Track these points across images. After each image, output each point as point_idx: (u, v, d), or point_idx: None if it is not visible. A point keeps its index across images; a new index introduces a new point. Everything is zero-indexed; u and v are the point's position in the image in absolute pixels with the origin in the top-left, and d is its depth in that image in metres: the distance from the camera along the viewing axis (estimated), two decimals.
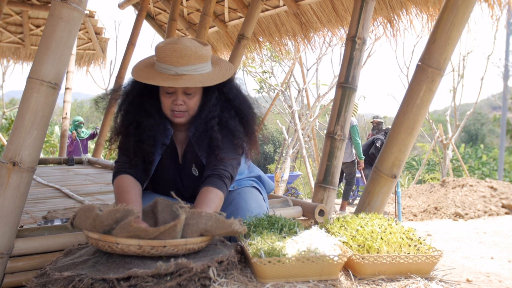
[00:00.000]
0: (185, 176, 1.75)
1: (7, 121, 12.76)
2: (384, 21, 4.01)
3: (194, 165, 1.71)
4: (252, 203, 1.70)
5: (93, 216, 1.31)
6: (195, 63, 1.57)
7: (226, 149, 1.65)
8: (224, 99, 1.68)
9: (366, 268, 1.35)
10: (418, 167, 13.12)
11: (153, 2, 6.23)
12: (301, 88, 9.95)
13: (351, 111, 2.76)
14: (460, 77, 9.95)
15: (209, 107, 1.64)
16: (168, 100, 1.62)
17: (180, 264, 1.21)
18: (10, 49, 7.49)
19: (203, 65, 1.60)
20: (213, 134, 1.62)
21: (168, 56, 1.56)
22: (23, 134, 1.54)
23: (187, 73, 1.56)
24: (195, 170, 1.72)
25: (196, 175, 1.72)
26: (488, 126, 27.71)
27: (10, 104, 18.12)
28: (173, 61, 1.55)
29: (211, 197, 1.53)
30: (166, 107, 1.63)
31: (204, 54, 1.60)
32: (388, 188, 2.42)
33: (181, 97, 1.61)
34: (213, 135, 1.62)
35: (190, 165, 1.72)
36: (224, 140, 1.65)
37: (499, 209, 6.15)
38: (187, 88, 1.60)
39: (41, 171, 4.55)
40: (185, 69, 1.56)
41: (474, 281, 3.47)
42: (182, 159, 1.73)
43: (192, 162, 1.72)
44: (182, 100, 1.61)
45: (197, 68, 1.58)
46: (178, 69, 1.56)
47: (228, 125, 1.66)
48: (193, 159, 1.71)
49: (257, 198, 1.75)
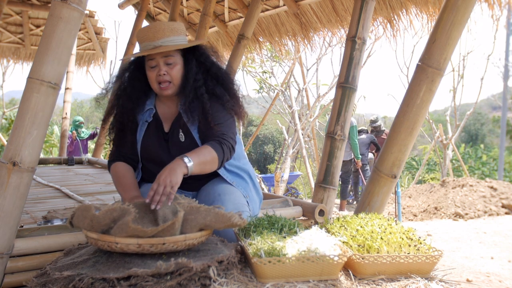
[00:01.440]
0: (172, 146, 1.81)
1: (7, 121, 12.75)
2: (384, 21, 4.01)
3: (181, 130, 1.80)
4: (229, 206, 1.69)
5: (90, 216, 1.31)
6: (169, 35, 1.74)
7: (220, 116, 1.78)
8: (204, 68, 1.83)
9: (366, 268, 1.35)
10: (418, 167, 13.12)
11: (153, 2, 6.22)
12: (301, 88, 9.95)
13: (351, 111, 2.76)
14: (460, 77, 9.94)
15: (193, 74, 1.78)
16: (153, 74, 1.75)
17: (180, 263, 1.21)
18: (10, 49, 7.49)
19: (178, 38, 1.76)
20: (204, 101, 1.76)
21: (146, 34, 1.74)
22: (23, 134, 1.54)
23: (164, 44, 1.72)
24: (181, 136, 1.80)
25: (182, 140, 1.80)
26: (488, 126, 27.71)
27: (10, 104, 18.12)
28: (150, 36, 1.73)
29: (203, 151, 1.65)
30: (152, 81, 1.77)
31: (177, 28, 1.77)
32: (388, 188, 2.42)
33: (163, 68, 1.74)
34: (204, 103, 1.76)
35: (177, 132, 1.81)
36: (214, 106, 1.78)
37: (499, 209, 6.14)
38: (166, 58, 1.74)
39: (41, 171, 4.55)
40: (162, 41, 1.72)
41: (474, 281, 3.47)
42: (170, 129, 1.83)
43: (179, 129, 1.81)
44: (164, 70, 1.74)
45: (172, 40, 1.74)
46: (155, 42, 1.72)
47: (215, 92, 1.81)
48: (180, 127, 1.81)
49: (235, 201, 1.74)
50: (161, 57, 1.74)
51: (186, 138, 1.80)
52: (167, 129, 1.84)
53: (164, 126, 1.85)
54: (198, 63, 1.81)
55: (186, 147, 1.76)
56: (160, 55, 1.73)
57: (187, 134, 1.80)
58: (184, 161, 1.57)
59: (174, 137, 1.81)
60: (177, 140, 1.80)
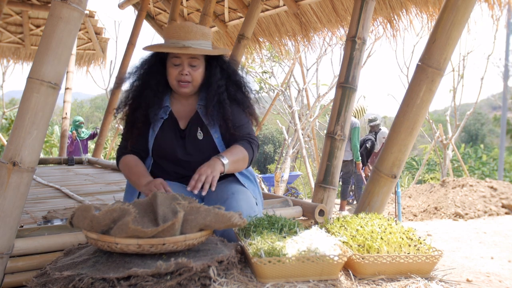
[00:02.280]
0: (189, 143, 1.85)
1: (7, 121, 12.75)
2: (384, 21, 4.01)
3: (199, 128, 1.85)
4: (243, 205, 1.73)
5: (90, 216, 1.31)
6: (199, 38, 1.78)
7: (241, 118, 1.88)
8: (226, 75, 1.88)
9: (366, 268, 1.35)
10: (418, 167, 13.11)
11: (153, 2, 6.22)
12: (301, 88, 9.95)
13: (351, 111, 2.76)
14: (460, 77, 9.94)
15: (216, 80, 1.83)
16: (175, 71, 1.79)
17: (180, 263, 1.21)
18: (10, 49, 7.49)
19: (206, 42, 1.81)
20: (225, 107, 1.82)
21: (176, 31, 1.76)
22: (23, 134, 1.54)
23: (193, 46, 1.76)
24: (200, 134, 1.85)
25: (200, 138, 1.85)
26: (488, 126, 27.71)
27: (10, 104, 18.11)
28: (180, 35, 1.75)
29: (236, 150, 1.77)
30: (172, 78, 1.80)
31: (207, 33, 1.82)
32: (388, 188, 2.42)
33: (187, 68, 1.78)
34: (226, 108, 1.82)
35: (195, 130, 1.85)
36: (235, 110, 1.86)
37: (499, 209, 6.14)
38: (192, 60, 1.79)
39: (41, 171, 4.55)
40: (191, 42, 1.76)
41: (474, 281, 3.47)
42: (187, 127, 1.87)
43: (198, 127, 1.86)
44: (187, 70, 1.78)
45: (201, 43, 1.78)
46: (185, 42, 1.75)
47: (236, 97, 1.88)
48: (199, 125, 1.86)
49: (248, 199, 1.79)
50: (187, 58, 1.78)
51: (205, 136, 1.85)
52: (183, 126, 1.88)
53: (179, 123, 1.88)
54: (221, 69, 1.87)
55: (203, 145, 1.85)
56: (187, 56, 1.77)
57: (206, 133, 1.86)
58: (221, 160, 1.70)
59: (191, 134, 1.85)
60: (194, 137, 1.85)
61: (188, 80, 1.79)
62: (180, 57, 1.78)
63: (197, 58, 1.80)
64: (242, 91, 1.93)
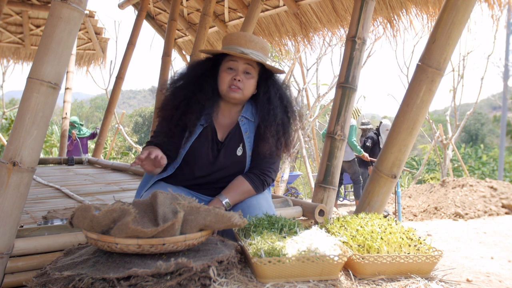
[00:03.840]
0: (225, 155, 1.83)
1: (7, 121, 12.76)
2: (384, 21, 4.01)
3: (241, 145, 1.83)
4: (263, 202, 1.76)
5: (90, 216, 1.31)
6: (259, 50, 1.79)
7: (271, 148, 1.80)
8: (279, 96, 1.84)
9: (366, 268, 1.35)
10: (418, 167, 13.11)
11: (153, 2, 6.22)
12: (301, 88, 9.95)
13: (351, 111, 2.76)
14: (460, 77, 9.94)
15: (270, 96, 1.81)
16: (229, 76, 1.78)
17: (180, 263, 1.21)
18: (10, 49, 7.49)
19: (264, 56, 1.81)
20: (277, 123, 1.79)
21: (238, 39, 1.78)
22: (23, 134, 1.54)
23: (252, 55, 1.77)
24: (240, 150, 1.83)
25: (239, 154, 1.83)
26: (488, 126, 27.72)
27: (10, 104, 18.13)
28: (241, 42, 1.77)
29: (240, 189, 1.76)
30: (225, 82, 1.78)
31: (266, 48, 1.83)
32: (388, 188, 2.42)
33: (241, 74, 1.78)
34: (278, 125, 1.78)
35: (235, 145, 1.83)
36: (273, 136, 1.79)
37: (499, 209, 6.15)
38: (247, 67, 1.78)
39: (41, 171, 4.55)
40: (251, 51, 1.77)
41: (474, 281, 3.47)
42: (225, 139, 1.84)
43: (238, 143, 1.84)
44: (241, 77, 1.77)
45: (259, 55, 1.79)
46: (245, 49, 1.76)
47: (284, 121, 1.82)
48: (239, 140, 1.84)
49: (267, 199, 1.82)
50: (243, 64, 1.77)
51: (242, 152, 1.83)
52: (221, 137, 1.85)
53: (218, 134, 1.85)
54: (275, 89, 1.84)
55: (239, 160, 1.82)
56: (243, 61, 1.77)
57: (244, 149, 1.84)
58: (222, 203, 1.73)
59: (228, 148, 1.83)
60: (232, 152, 1.83)
61: (239, 86, 1.77)
62: (236, 61, 1.77)
63: (252, 67, 1.79)
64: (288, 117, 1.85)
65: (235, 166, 1.83)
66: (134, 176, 4.22)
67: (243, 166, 1.84)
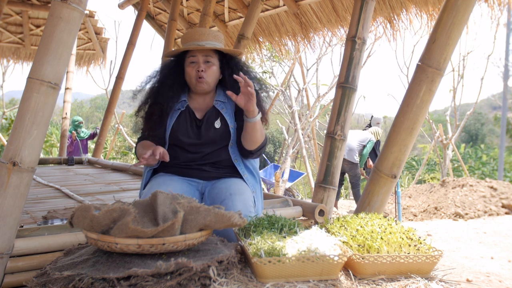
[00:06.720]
0: (204, 131, 1.98)
1: (7, 121, 12.75)
2: (384, 21, 4.01)
3: (219, 119, 1.99)
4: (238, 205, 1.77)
5: (90, 216, 1.31)
6: (212, 40, 1.99)
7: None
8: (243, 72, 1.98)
9: (366, 268, 1.35)
10: (418, 167, 13.11)
11: (153, 2, 6.22)
12: (301, 88, 9.94)
13: (351, 111, 2.76)
14: (460, 77, 9.93)
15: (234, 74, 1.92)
16: (192, 69, 1.96)
17: (180, 263, 1.21)
18: (10, 49, 7.49)
19: (218, 43, 2.01)
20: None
21: (192, 35, 1.98)
22: (23, 134, 1.54)
23: (207, 45, 1.96)
24: (218, 123, 1.99)
25: (217, 127, 1.98)
26: (488, 126, 27.72)
27: (10, 104, 18.13)
28: (195, 37, 1.97)
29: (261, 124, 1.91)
30: (191, 76, 1.97)
31: (219, 36, 2.02)
32: (388, 188, 2.42)
33: (202, 64, 1.96)
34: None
35: (214, 119, 1.99)
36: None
37: (499, 209, 6.14)
38: (206, 57, 1.97)
39: (41, 171, 4.55)
40: (205, 42, 1.97)
41: (474, 281, 3.47)
42: (204, 117, 2.00)
43: (216, 118, 1.99)
44: (203, 67, 1.95)
45: (214, 44, 1.98)
46: (200, 42, 1.96)
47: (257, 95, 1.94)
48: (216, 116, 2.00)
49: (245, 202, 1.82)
50: (202, 55, 1.96)
51: (221, 125, 1.98)
52: (200, 116, 2.01)
53: (196, 115, 2.01)
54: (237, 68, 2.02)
55: (219, 134, 1.97)
56: (201, 53, 1.96)
57: (223, 122, 1.99)
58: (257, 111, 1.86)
59: (208, 123, 1.98)
60: (211, 125, 1.98)
61: (203, 76, 1.95)
62: (195, 55, 1.96)
63: (211, 56, 1.97)
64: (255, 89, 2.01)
65: (220, 139, 1.97)
66: (134, 176, 4.22)
67: (227, 139, 1.98)
